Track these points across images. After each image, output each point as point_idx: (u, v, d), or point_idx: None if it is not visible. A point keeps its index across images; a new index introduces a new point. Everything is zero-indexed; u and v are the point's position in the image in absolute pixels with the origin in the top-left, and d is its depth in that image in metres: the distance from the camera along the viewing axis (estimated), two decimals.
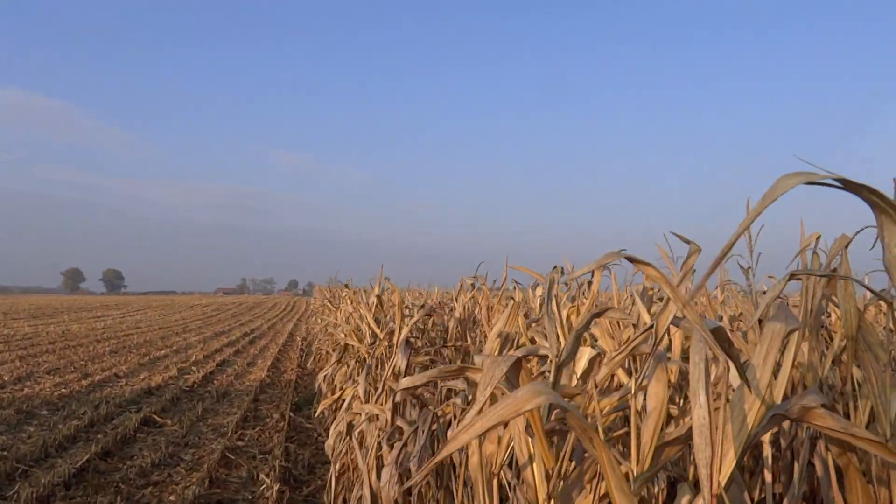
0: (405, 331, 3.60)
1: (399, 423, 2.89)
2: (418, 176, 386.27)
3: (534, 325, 2.65)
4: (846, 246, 1.35)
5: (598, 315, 1.53)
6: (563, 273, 2.00)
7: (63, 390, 9.74)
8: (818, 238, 1.67)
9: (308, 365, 13.16)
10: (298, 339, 20.14)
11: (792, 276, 1.25)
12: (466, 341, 4.13)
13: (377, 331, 4.34)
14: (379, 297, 4.84)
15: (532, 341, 2.49)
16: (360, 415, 3.49)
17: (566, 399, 1.22)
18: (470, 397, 2.23)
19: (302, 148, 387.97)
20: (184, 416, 8.25)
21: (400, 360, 3.12)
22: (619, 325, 2.32)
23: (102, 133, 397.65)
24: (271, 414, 8.58)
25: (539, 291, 4.69)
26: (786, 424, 1.67)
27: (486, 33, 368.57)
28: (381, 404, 3.24)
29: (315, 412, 7.39)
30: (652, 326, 1.29)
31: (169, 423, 7.93)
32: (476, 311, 4.23)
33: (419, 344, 4.04)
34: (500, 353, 2.34)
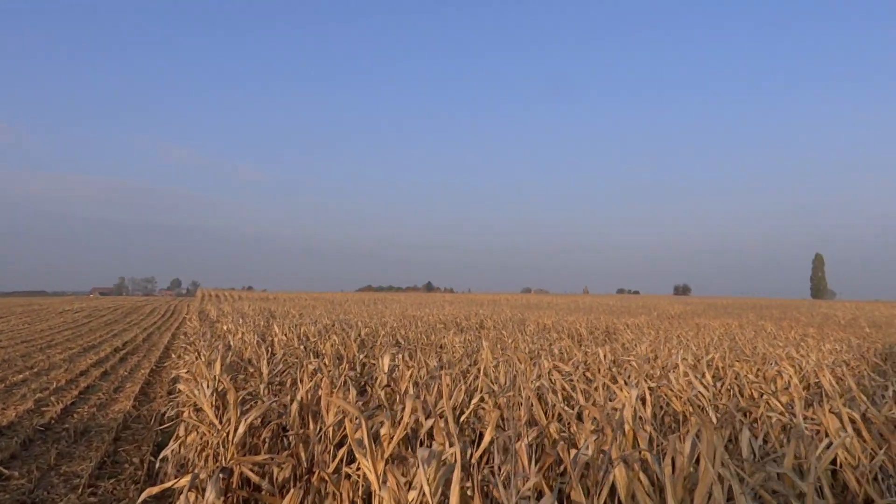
0: (242, 428, 3.65)
1: None
2: (315, 173, 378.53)
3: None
4: None
5: None
6: None
7: None
8: None
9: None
10: (174, 355, 19.39)
11: None
12: (309, 427, 4.21)
13: (215, 420, 4.33)
14: (216, 390, 4.79)
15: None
16: None
17: None
18: None
19: (191, 141, 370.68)
20: (34, 465, 7.80)
21: (210, 497, 3.02)
22: None
23: None
24: (131, 458, 8.25)
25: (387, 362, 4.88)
26: None
27: (380, 32, 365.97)
28: None
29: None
30: None
31: (16, 476, 7.46)
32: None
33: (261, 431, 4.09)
34: None
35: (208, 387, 4.62)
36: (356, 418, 2.86)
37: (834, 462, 3.73)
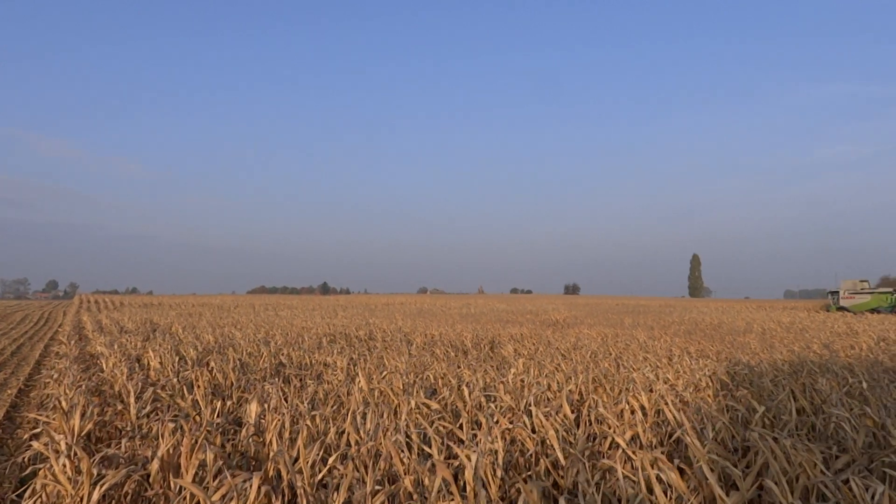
0: (96, 495, 3.63)
1: None
2: (205, 170, 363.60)
3: None
4: None
5: None
6: None
7: None
8: None
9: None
10: (46, 371, 18.23)
11: None
12: (171, 485, 4.21)
13: (68, 486, 4.25)
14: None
15: None
16: None
17: None
18: None
19: (67, 133, 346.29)
20: None
21: None
22: None
23: None
24: None
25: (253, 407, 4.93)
26: None
27: (263, 30, 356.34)
28: None
29: None
30: None
31: None
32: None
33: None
34: None
35: (63, 448, 4.52)
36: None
37: None
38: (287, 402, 6.85)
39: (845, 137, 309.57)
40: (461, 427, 6.00)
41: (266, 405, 5.98)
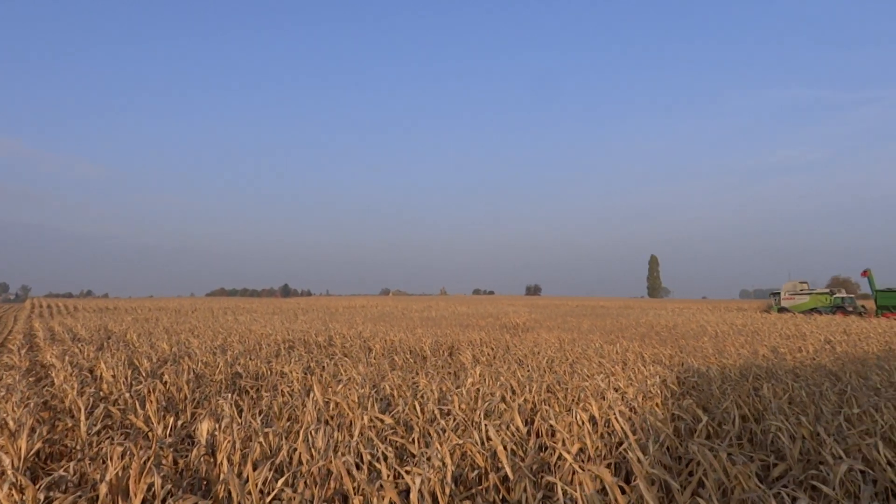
0: None
1: None
2: (163, 169, 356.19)
3: None
4: None
5: None
6: None
7: None
8: None
9: None
10: None
11: None
12: None
13: None
14: None
15: None
16: None
17: None
18: None
19: (20, 132, 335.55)
20: None
21: None
22: None
23: None
24: None
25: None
26: None
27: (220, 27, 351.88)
28: None
29: None
30: None
31: None
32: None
33: None
34: None
35: (10, 474, 4.46)
36: None
37: None
38: (241, 416, 6.85)
39: (799, 141, 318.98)
40: (414, 441, 6.08)
41: (218, 424, 5.97)
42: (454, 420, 6.70)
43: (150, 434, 6.61)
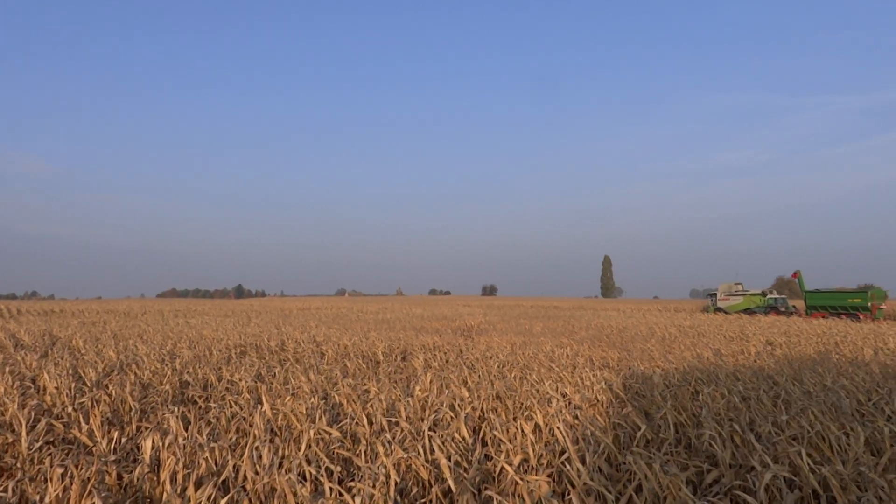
0: None
1: None
2: (111, 166, 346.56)
3: None
4: None
5: None
6: None
7: None
8: None
9: None
10: None
11: None
12: None
13: None
14: None
15: None
16: None
17: None
18: None
19: None
20: None
21: None
22: None
23: None
24: None
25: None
26: None
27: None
28: None
29: None
30: None
31: None
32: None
33: None
34: None
35: None
36: None
37: None
38: (188, 430, 6.82)
39: (745, 144, 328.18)
40: (361, 454, 6.15)
41: (162, 441, 5.94)
42: (402, 431, 6.80)
43: (93, 449, 6.53)
